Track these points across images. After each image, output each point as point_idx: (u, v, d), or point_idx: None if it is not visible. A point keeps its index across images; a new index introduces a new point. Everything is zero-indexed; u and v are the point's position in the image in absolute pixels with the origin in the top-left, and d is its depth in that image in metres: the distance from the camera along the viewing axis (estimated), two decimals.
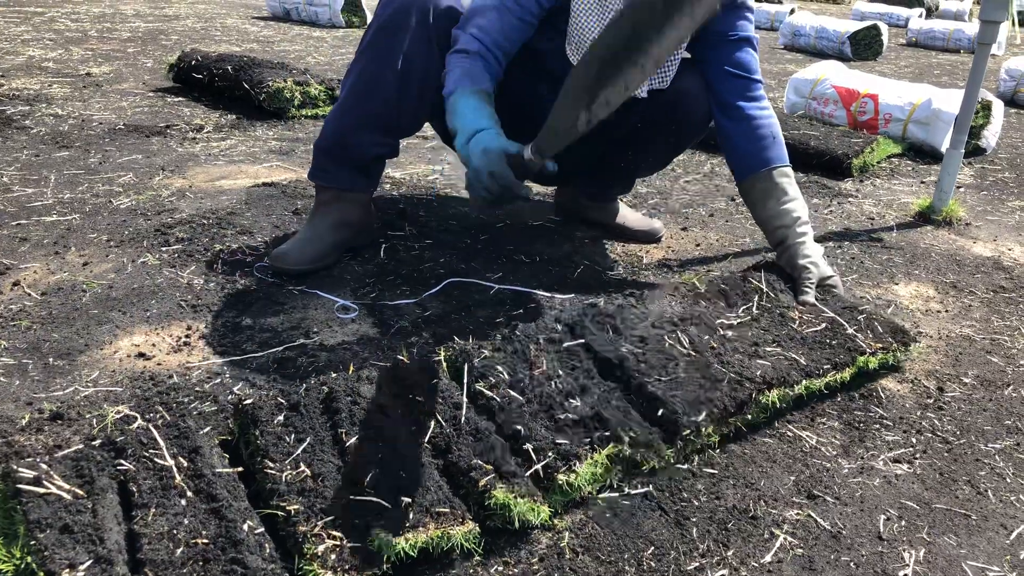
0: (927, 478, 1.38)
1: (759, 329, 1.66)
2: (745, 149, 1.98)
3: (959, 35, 8.61)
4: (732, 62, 1.98)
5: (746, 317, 1.69)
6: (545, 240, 2.29)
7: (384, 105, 1.92)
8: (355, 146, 1.96)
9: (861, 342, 1.66)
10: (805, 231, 1.91)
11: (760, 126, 1.97)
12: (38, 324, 1.66)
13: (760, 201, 1.97)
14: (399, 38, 1.87)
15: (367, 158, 2.00)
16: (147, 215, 2.27)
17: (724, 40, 1.97)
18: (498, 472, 1.18)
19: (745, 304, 1.74)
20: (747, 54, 1.99)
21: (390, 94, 1.90)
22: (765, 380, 1.48)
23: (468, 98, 1.74)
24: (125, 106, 3.57)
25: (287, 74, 3.67)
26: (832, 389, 1.60)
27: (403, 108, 1.93)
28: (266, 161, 2.88)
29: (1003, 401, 1.64)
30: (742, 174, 2.00)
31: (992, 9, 2.48)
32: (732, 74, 1.98)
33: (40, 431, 1.29)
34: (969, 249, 2.48)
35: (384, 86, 1.90)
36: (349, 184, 2.01)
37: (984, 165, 3.60)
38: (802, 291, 1.82)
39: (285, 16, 7.26)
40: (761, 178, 1.96)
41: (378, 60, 1.89)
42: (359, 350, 1.64)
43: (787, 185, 1.95)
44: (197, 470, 1.13)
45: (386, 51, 1.88)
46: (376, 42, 1.89)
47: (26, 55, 4.62)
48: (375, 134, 1.96)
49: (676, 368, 1.47)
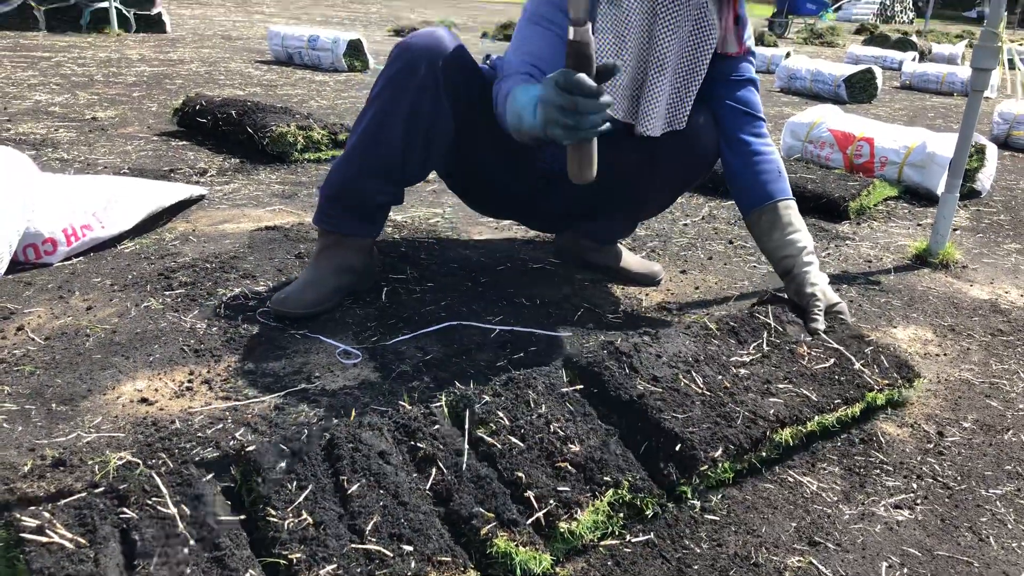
0: (928, 524, 1.38)
1: (770, 366, 1.67)
2: (751, 183, 2.03)
3: (952, 78, 8.73)
4: (737, 99, 2.04)
5: (756, 354, 1.70)
6: (545, 283, 2.31)
7: (390, 155, 1.95)
8: (360, 193, 1.99)
9: (868, 378, 1.68)
10: (811, 260, 1.96)
11: (765, 161, 2.03)
12: (41, 369, 1.67)
13: (766, 233, 2.02)
14: (408, 90, 1.90)
15: (371, 205, 2.03)
16: (150, 259, 2.29)
17: (728, 80, 2.04)
18: (499, 520, 1.18)
19: (755, 340, 1.75)
20: (751, 92, 2.06)
21: (396, 145, 1.93)
22: (778, 418, 1.50)
23: (522, 87, 1.65)
24: (130, 150, 3.61)
25: (290, 118, 3.73)
26: (843, 424, 1.61)
27: (408, 159, 1.96)
28: (269, 205, 2.91)
29: (1003, 446, 1.64)
30: (748, 207, 2.05)
31: (983, 57, 2.53)
32: (738, 110, 2.05)
33: (42, 478, 1.29)
34: (966, 292, 2.50)
35: (391, 137, 1.93)
36: (352, 230, 2.03)
37: (979, 208, 3.64)
38: (811, 319, 1.86)
39: (288, 60, 7.36)
40: (767, 211, 2.01)
41: (386, 111, 1.92)
42: (360, 395, 1.65)
43: (792, 217, 2.01)
44: (200, 518, 1.13)
45: (394, 102, 1.91)
46: (384, 94, 1.93)
47: (33, 99, 4.69)
48: (380, 182, 1.98)
49: (692, 405, 1.49)
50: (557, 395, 1.51)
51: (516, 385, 1.52)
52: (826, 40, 15.82)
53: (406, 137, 1.93)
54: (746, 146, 2.04)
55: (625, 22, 1.87)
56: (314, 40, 7.15)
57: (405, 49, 1.91)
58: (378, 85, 1.95)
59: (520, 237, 2.73)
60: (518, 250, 2.59)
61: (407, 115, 1.91)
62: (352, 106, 5.25)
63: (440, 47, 1.90)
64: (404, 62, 1.90)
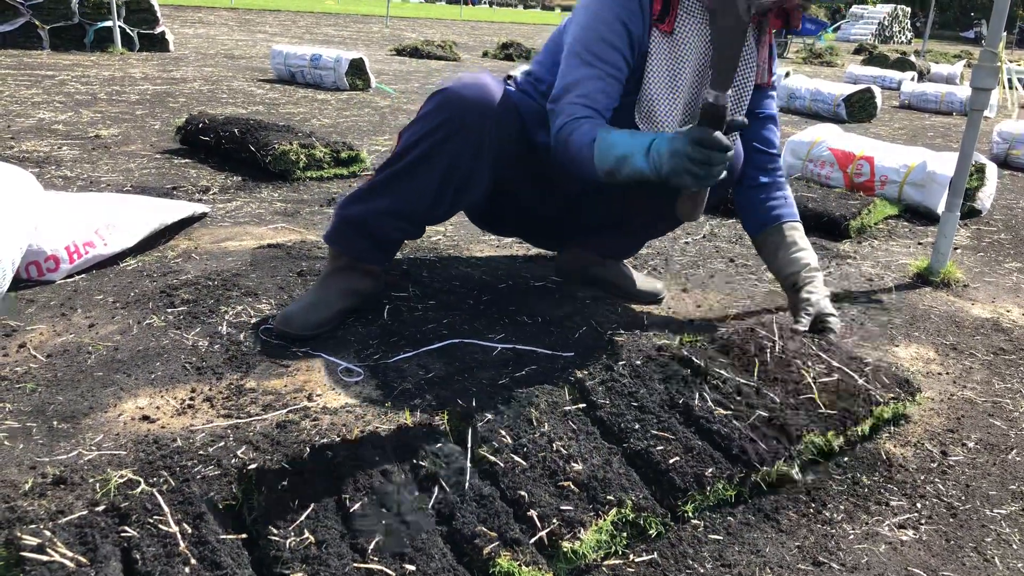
0: (933, 544, 1.37)
1: (771, 384, 1.67)
2: (760, 207, 2.14)
3: (951, 98, 8.77)
4: (759, 138, 2.14)
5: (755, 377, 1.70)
6: (548, 301, 2.31)
7: (419, 202, 1.95)
8: (380, 227, 1.99)
9: (874, 393, 1.69)
10: (814, 275, 2.04)
11: (776, 187, 2.14)
12: (43, 386, 1.66)
13: (773, 252, 2.11)
14: (448, 145, 1.88)
15: (390, 240, 2.05)
16: (153, 276, 2.29)
17: (753, 117, 2.11)
18: (502, 539, 1.18)
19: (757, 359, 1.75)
20: (771, 132, 2.16)
21: (427, 194, 1.94)
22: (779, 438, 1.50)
23: (615, 132, 1.80)
24: (133, 168, 3.62)
25: (292, 136, 3.74)
26: (849, 443, 1.61)
27: (436, 207, 1.97)
28: (271, 223, 2.91)
29: (1007, 465, 1.64)
30: (756, 229, 2.15)
31: (982, 77, 2.55)
32: (757, 149, 2.14)
33: (43, 496, 1.29)
34: (968, 311, 2.50)
35: (423, 187, 1.93)
36: (367, 257, 2.04)
37: (980, 227, 3.65)
38: (799, 320, 1.94)
39: (290, 79, 7.40)
40: (773, 232, 2.11)
41: (423, 161, 1.91)
42: (362, 413, 1.64)
43: (798, 238, 2.11)
44: (201, 537, 1.12)
45: (432, 155, 1.90)
46: (424, 143, 1.90)
47: (36, 118, 4.71)
48: (404, 223, 2.00)
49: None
50: (560, 413, 1.51)
51: (518, 403, 1.52)
52: (825, 60, 15.90)
53: (439, 189, 1.93)
54: (759, 179, 2.14)
55: (679, 55, 1.90)
56: (316, 59, 7.19)
57: (451, 100, 1.88)
58: (419, 130, 1.91)
59: (522, 255, 2.73)
60: (520, 268, 2.60)
61: (444, 169, 1.90)
62: (354, 124, 5.27)
63: (488, 102, 1.88)
64: (449, 114, 1.87)
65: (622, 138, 1.77)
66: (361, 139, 4.76)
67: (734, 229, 3.25)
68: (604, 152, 1.78)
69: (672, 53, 1.90)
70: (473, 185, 1.96)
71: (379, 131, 5.10)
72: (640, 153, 1.72)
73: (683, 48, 1.90)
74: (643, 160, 1.71)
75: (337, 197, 3.32)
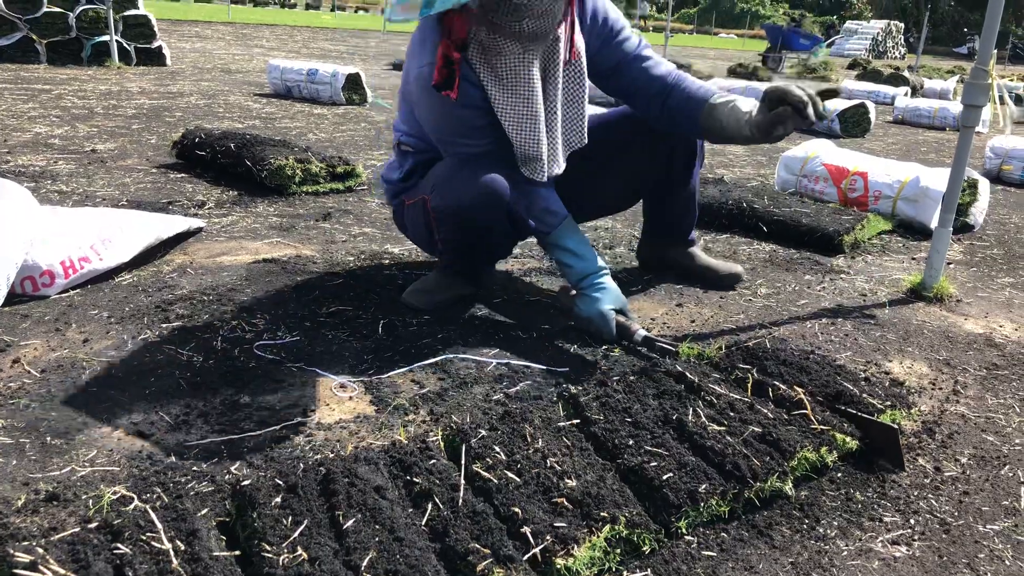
0: (926, 561, 1.37)
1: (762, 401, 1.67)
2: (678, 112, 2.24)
3: (944, 113, 8.82)
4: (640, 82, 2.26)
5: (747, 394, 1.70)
6: (542, 315, 2.32)
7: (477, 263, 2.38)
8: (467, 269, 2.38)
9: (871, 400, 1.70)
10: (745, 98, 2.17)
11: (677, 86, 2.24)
12: (37, 402, 1.66)
13: (716, 123, 2.17)
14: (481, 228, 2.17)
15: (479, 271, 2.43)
16: (148, 291, 2.29)
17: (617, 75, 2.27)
18: (496, 556, 1.18)
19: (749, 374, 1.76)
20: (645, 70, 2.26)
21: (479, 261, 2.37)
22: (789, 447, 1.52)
23: (574, 231, 2.19)
24: (128, 182, 3.63)
25: (288, 151, 3.75)
26: (842, 457, 1.61)
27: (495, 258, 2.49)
28: (267, 237, 2.92)
29: (1000, 481, 1.64)
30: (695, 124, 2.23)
31: (973, 94, 2.57)
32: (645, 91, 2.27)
33: (36, 512, 1.29)
34: (961, 326, 2.51)
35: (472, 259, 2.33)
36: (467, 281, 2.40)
37: (973, 242, 3.66)
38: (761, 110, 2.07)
39: (287, 93, 7.42)
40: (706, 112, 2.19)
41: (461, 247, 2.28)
42: (356, 429, 1.64)
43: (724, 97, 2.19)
44: (194, 553, 1.12)
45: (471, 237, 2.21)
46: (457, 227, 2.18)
47: (33, 132, 4.72)
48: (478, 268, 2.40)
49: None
50: (554, 429, 1.51)
51: (512, 419, 1.52)
52: (819, 75, 16.00)
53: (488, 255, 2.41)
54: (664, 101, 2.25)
55: (520, 96, 2.01)
56: (313, 73, 7.22)
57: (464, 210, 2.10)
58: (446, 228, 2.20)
59: (517, 269, 2.74)
60: (515, 283, 2.60)
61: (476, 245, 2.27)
62: (350, 139, 5.29)
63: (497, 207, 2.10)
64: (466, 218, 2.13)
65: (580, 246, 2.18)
66: (357, 154, 4.77)
67: (726, 245, 3.26)
68: (556, 238, 2.18)
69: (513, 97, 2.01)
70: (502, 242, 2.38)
71: (375, 145, 5.12)
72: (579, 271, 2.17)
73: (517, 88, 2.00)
74: (576, 277, 2.19)
75: (332, 211, 3.33)
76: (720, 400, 1.66)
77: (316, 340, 2.05)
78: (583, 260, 2.16)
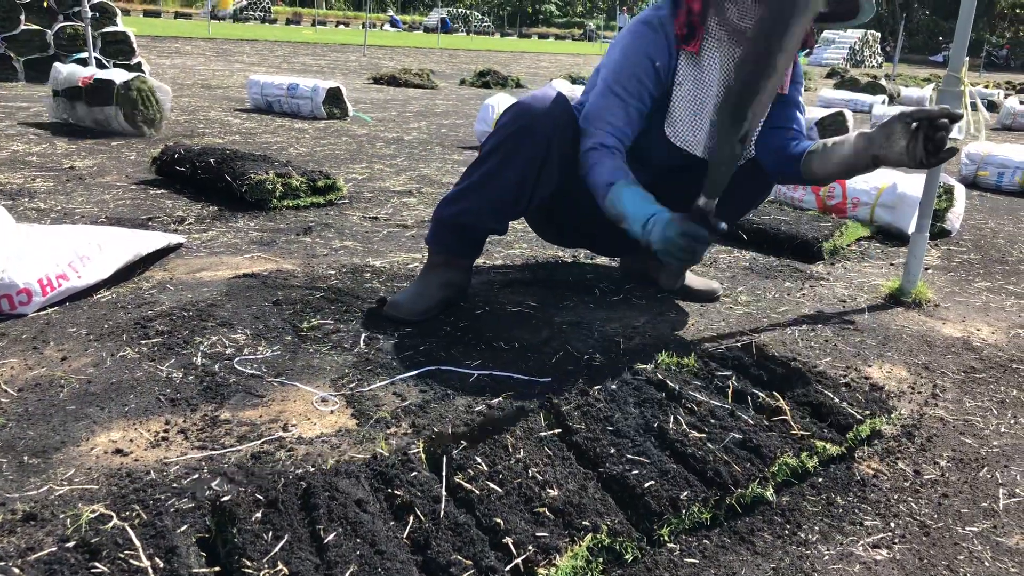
0: (907, 563, 1.38)
1: (744, 406, 1.68)
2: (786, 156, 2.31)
3: None
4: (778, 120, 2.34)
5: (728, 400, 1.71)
6: (524, 327, 2.32)
7: (505, 195, 2.24)
8: (471, 225, 2.30)
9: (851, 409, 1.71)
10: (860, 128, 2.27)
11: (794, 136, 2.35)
12: (13, 421, 1.64)
13: (821, 163, 2.21)
14: (526, 144, 2.18)
15: (479, 233, 2.36)
16: (127, 308, 2.28)
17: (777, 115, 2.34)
18: (478, 567, 1.17)
19: (730, 381, 1.76)
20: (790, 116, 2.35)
21: (511, 188, 2.23)
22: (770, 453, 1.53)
23: (630, 188, 2.09)
24: (108, 199, 3.61)
25: (269, 166, 3.74)
26: (823, 463, 1.62)
27: (519, 199, 2.26)
28: (247, 252, 2.91)
29: (978, 483, 1.65)
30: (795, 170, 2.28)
31: (948, 101, 2.61)
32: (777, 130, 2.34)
33: (12, 533, 1.27)
34: (939, 330, 2.53)
35: (508, 180, 2.22)
36: (460, 252, 2.37)
37: (950, 247, 3.71)
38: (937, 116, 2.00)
39: (268, 109, 7.41)
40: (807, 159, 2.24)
41: (506, 160, 2.20)
42: (337, 443, 1.64)
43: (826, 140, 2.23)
44: (173, 571, 1.12)
45: (514, 153, 2.20)
46: (506, 144, 2.20)
47: (10, 149, 4.69)
48: (491, 217, 2.29)
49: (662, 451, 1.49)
50: (535, 439, 1.51)
51: (494, 430, 1.52)
52: None
53: (521, 182, 2.22)
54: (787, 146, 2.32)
55: (704, 80, 2.17)
56: (293, 88, 7.21)
57: (523, 110, 2.19)
58: (500, 136, 2.21)
59: (499, 281, 2.75)
60: (496, 294, 2.60)
61: (522, 166, 2.20)
62: (331, 153, 5.29)
63: (552, 111, 2.17)
64: (522, 122, 2.18)
65: (631, 199, 2.06)
66: (338, 167, 4.77)
67: (709, 254, 3.28)
68: (611, 201, 2.11)
69: (698, 78, 2.17)
70: (546, 180, 2.24)
71: (356, 159, 5.12)
72: (638, 223, 2.02)
73: (708, 72, 2.16)
74: (638, 229, 2.02)
75: (313, 226, 3.33)
76: (701, 407, 1.66)
77: (297, 354, 2.04)
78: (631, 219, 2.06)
